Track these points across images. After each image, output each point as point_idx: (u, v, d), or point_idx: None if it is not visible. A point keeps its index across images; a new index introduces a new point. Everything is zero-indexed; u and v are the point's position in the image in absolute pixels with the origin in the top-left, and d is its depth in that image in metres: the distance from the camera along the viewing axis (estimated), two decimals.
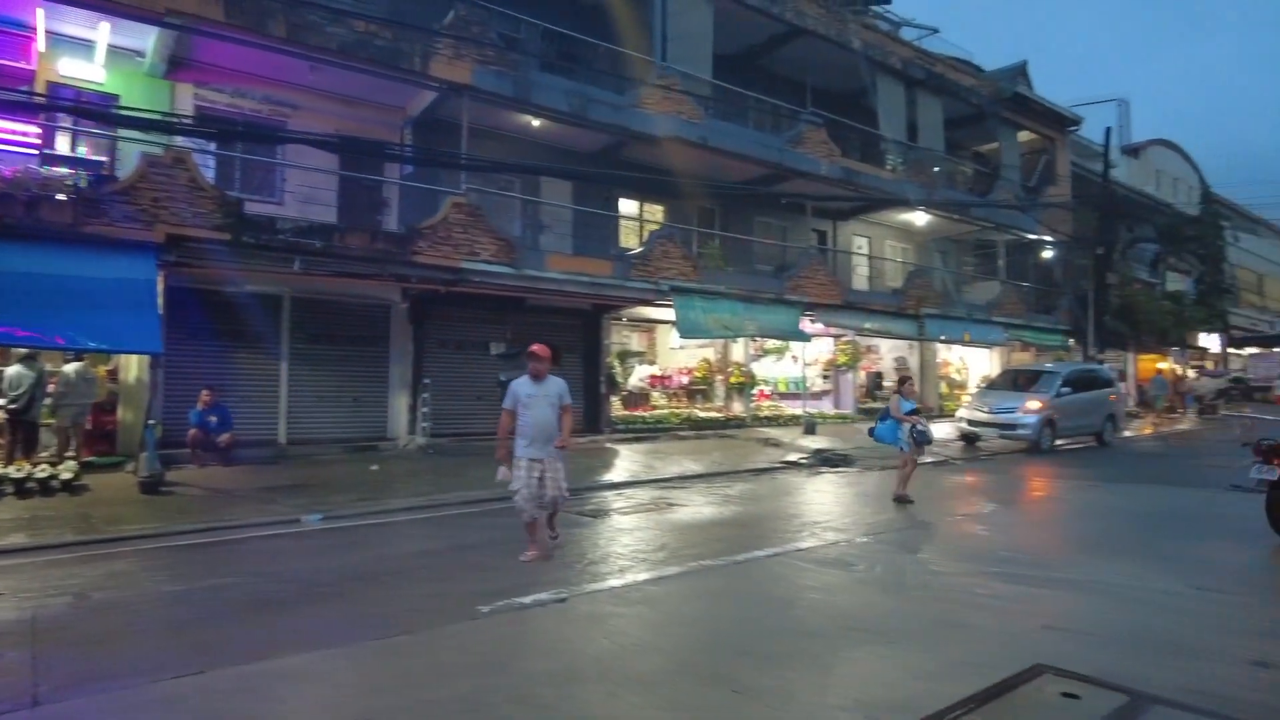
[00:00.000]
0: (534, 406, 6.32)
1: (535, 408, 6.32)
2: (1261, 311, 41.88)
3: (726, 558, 6.44)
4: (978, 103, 22.16)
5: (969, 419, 15.95)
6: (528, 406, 6.33)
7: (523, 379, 6.46)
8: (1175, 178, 36.82)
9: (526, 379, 6.44)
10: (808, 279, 18.00)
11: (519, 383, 6.46)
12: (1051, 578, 5.90)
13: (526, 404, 6.34)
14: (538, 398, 6.36)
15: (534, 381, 6.42)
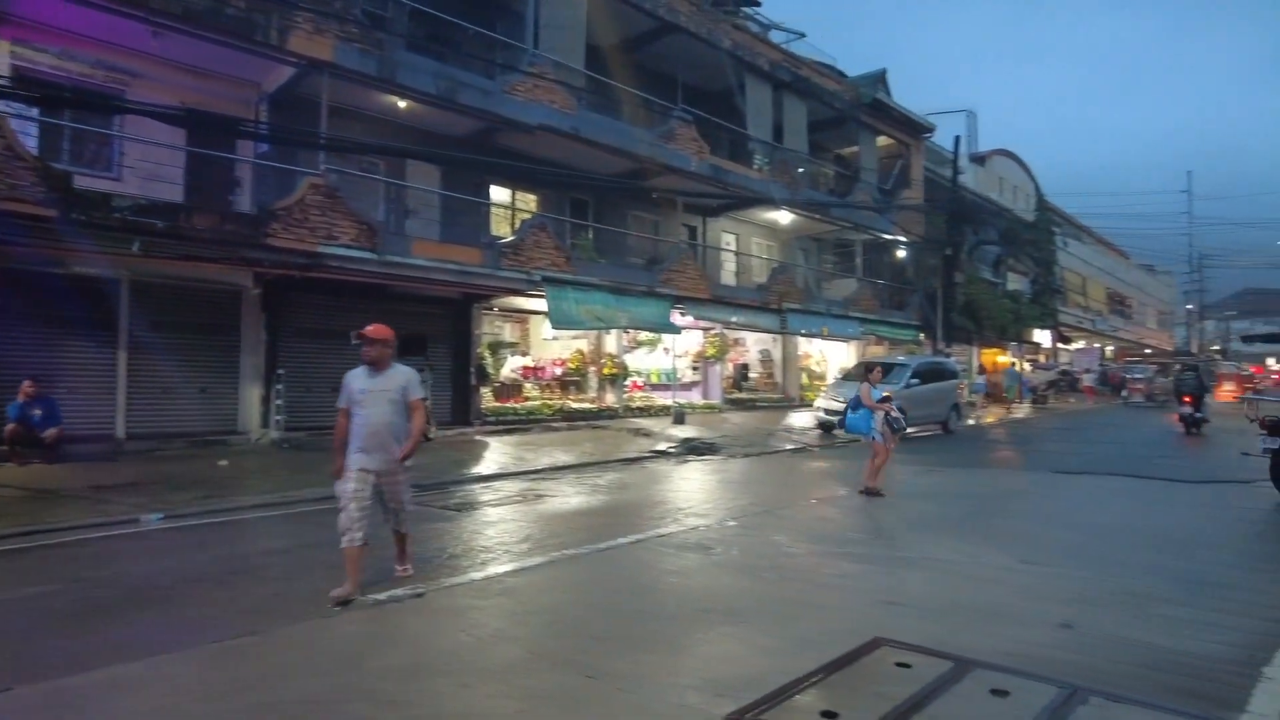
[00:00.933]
0: (369, 403, 5.15)
1: (371, 405, 5.15)
2: (1085, 311, 46.16)
3: (590, 546, 6.49)
4: (840, 107, 23.23)
5: (826, 408, 16.72)
6: (361, 404, 5.16)
7: (357, 370, 5.32)
8: (1015, 186, 39.90)
9: (362, 370, 5.29)
10: (678, 273, 18.35)
11: (352, 375, 5.31)
12: (893, 556, 6.30)
13: (360, 400, 5.17)
14: (373, 393, 5.18)
15: (370, 372, 5.26)
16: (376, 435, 5.13)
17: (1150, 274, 66.20)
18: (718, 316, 19.85)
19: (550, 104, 15.29)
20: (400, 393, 5.27)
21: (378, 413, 5.14)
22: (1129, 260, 60.19)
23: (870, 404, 9.34)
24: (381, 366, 5.28)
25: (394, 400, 5.23)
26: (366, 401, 5.17)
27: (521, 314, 18.56)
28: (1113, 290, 53.01)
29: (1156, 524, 7.76)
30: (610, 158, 17.19)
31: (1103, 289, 50.77)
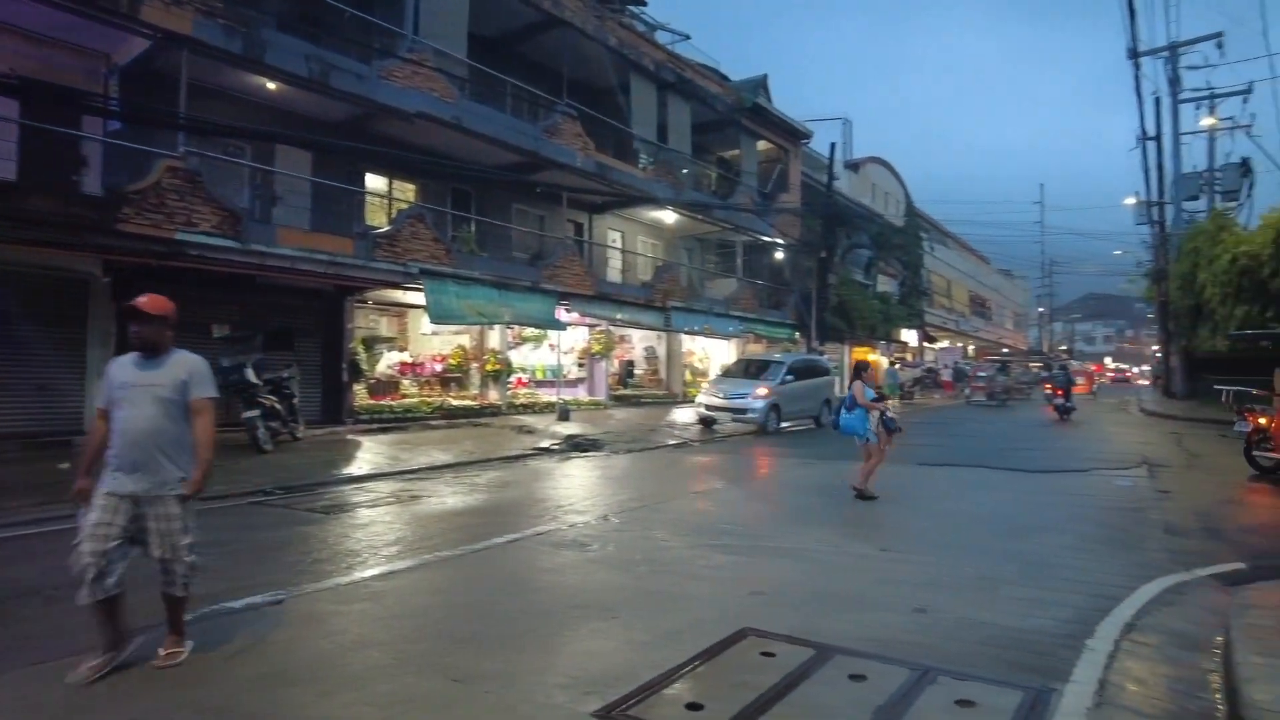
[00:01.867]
0: (130, 402, 3.74)
1: (132, 405, 3.74)
2: (949, 312, 49.11)
3: (464, 547, 6.35)
4: (722, 110, 23.73)
5: (707, 404, 17.07)
6: (120, 402, 3.76)
7: (124, 358, 3.93)
8: (887, 192, 41.93)
9: (130, 358, 3.89)
10: (563, 269, 18.27)
11: (117, 363, 3.93)
12: (763, 547, 6.48)
13: (119, 399, 3.77)
14: (138, 389, 3.77)
15: (140, 361, 3.85)
16: (137, 446, 3.70)
17: (1008, 278, 71.15)
18: (603, 313, 19.89)
19: (430, 92, 14.88)
20: (176, 389, 3.80)
21: (140, 415, 3.71)
22: (989, 265, 64.44)
23: (865, 404, 8.98)
24: (157, 352, 3.85)
25: (165, 399, 3.77)
26: (128, 400, 3.74)
27: (399, 308, 18.00)
28: (974, 293, 56.68)
29: (1005, 512, 8.31)
30: (493, 150, 16.90)
31: (965, 291, 54.19)
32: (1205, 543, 6.89)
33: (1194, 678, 3.90)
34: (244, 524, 7.31)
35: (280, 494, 8.75)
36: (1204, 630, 4.53)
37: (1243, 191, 28.84)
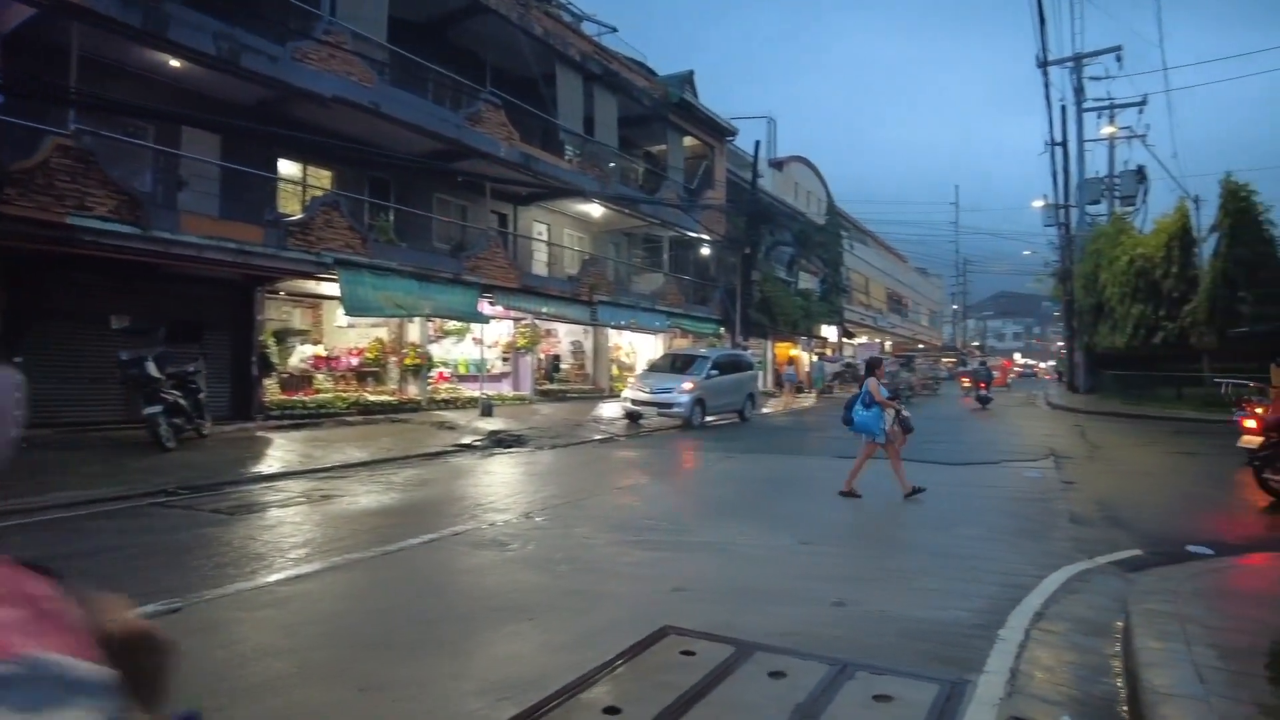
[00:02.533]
0: None
1: None
2: (868, 308, 50.43)
3: (377, 549, 6.11)
4: (649, 104, 23.69)
5: (632, 399, 17.04)
6: None
7: None
8: (809, 191, 42.70)
9: None
10: (486, 261, 17.92)
11: None
12: (686, 542, 6.45)
13: None
14: None
15: None
16: None
17: (924, 276, 73.54)
18: (528, 307, 19.62)
19: (347, 76, 14.35)
20: None
21: None
22: (906, 263, 66.46)
23: (881, 401, 8.68)
24: None
25: None
26: None
27: (314, 299, 17.35)
28: (892, 290, 58.36)
29: (922, 504, 8.49)
30: (414, 137, 16.43)
31: (883, 289, 55.74)
32: (1107, 531, 7.18)
33: (1098, 663, 4.02)
34: (142, 526, 6.88)
35: (183, 494, 8.28)
36: (1107, 616, 4.68)
37: (1139, 197, 30.56)
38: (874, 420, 8.65)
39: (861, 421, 8.75)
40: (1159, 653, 3.67)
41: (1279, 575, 5.32)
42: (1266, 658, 3.53)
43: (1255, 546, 6.40)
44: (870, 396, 8.68)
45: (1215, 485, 9.80)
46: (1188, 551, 6.30)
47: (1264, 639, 3.76)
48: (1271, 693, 3.20)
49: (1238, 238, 20.72)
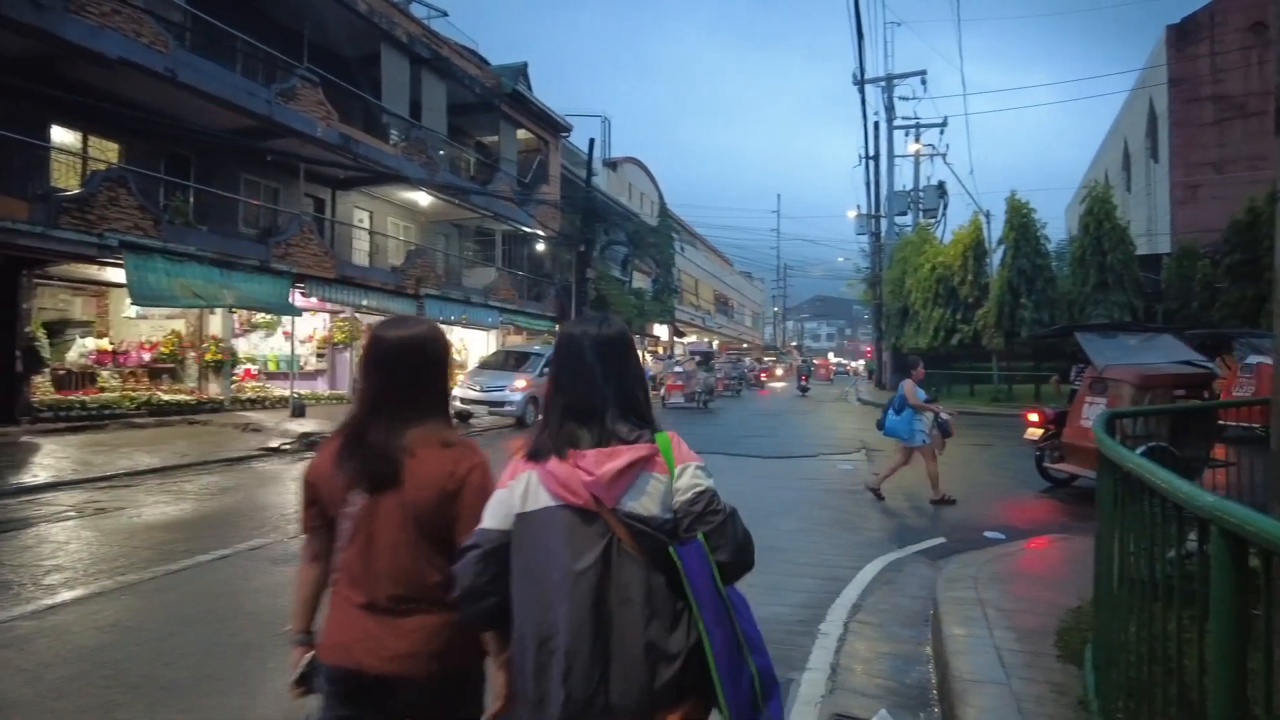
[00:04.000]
0: None
1: None
2: (697, 309, 51.99)
3: (158, 568, 5.38)
4: (481, 93, 22.99)
5: (462, 397, 16.44)
6: None
7: None
8: (643, 192, 43.36)
9: None
10: (299, 248, 16.63)
11: None
12: None
13: None
14: None
15: None
16: None
17: (748, 279, 76.89)
18: (347, 299, 18.46)
19: (136, 36, 12.78)
20: None
21: None
22: (732, 267, 69.18)
23: (917, 404, 8.24)
24: None
25: None
26: None
27: (98, 286, 15.45)
28: (719, 292, 60.55)
29: (740, 497, 8.61)
30: (219, 111, 14.93)
31: (711, 290, 57.71)
32: (914, 520, 7.62)
33: (911, 652, 4.16)
34: None
35: None
36: (918, 604, 4.89)
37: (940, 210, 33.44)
38: (904, 424, 8.32)
39: (891, 426, 8.43)
40: (964, 640, 3.83)
41: (1060, 557, 5.79)
42: (1055, 637, 3.78)
43: (1039, 530, 7.00)
44: (903, 400, 8.33)
45: (1005, 474, 10.73)
46: (985, 537, 6.79)
47: (1052, 619, 4.03)
48: (1061, 670, 3.42)
49: (1020, 250, 23.06)
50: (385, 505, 1.75)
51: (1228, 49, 33.35)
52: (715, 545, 1.59)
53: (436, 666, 1.71)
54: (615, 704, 1.48)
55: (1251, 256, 21.39)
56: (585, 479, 1.55)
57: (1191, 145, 33.69)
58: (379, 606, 1.73)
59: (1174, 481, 1.84)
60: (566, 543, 1.53)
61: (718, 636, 1.53)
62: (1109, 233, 22.70)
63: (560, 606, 1.50)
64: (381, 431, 1.79)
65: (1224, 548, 1.50)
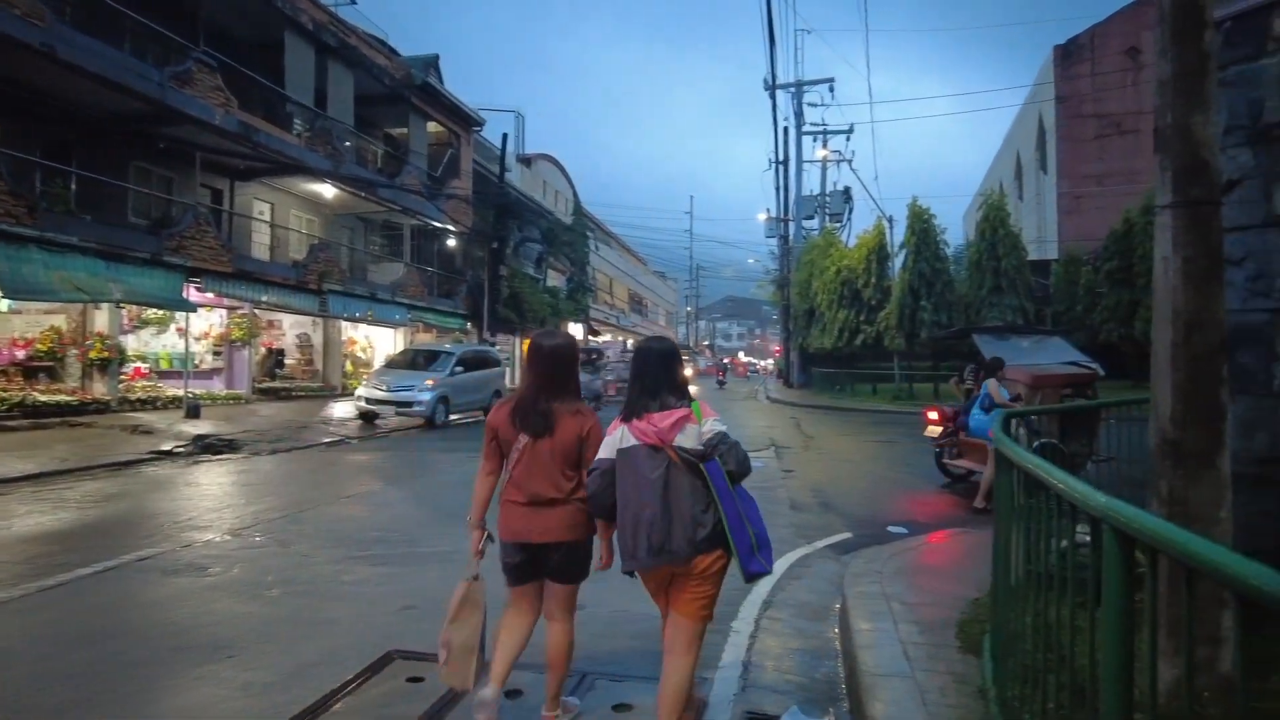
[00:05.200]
0: None
1: None
2: (612, 308, 52.09)
3: (30, 584, 5.00)
4: (390, 84, 22.38)
5: (368, 397, 15.97)
6: None
7: None
8: (557, 190, 43.10)
9: None
10: (194, 240, 15.80)
11: None
12: (419, 554, 6.01)
13: None
14: None
15: None
16: None
17: (662, 279, 77.51)
18: (245, 294, 17.66)
19: (6, 6, 11.87)
20: None
21: None
22: (646, 266, 69.58)
23: (1003, 403, 7.84)
24: None
25: None
26: None
27: None
28: (633, 291, 60.84)
29: None
30: (106, 93, 14.01)
31: (626, 289, 57.94)
32: (822, 516, 7.82)
33: (820, 647, 4.25)
34: None
35: None
36: (826, 599, 5.01)
37: (845, 215, 34.49)
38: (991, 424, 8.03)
39: (980, 427, 8.16)
40: (871, 634, 3.94)
41: (959, 550, 6.04)
42: (956, 628, 3.93)
43: (939, 524, 7.28)
44: (990, 399, 8.09)
45: (907, 470, 11.12)
46: (888, 532, 7.02)
47: (954, 611, 4.19)
48: (962, 660, 3.55)
49: (921, 254, 24.04)
50: (541, 445, 3.04)
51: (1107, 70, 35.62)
52: (726, 461, 2.82)
53: (568, 536, 3.06)
54: (674, 549, 2.74)
55: (1127, 264, 22.92)
56: (653, 429, 2.82)
57: (1076, 159, 35.82)
58: (537, 502, 3.05)
59: (1069, 481, 1.92)
60: (645, 463, 2.80)
61: (728, 511, 2.77)
62: (1003, 239, 23.92)
63: (644, 496, 2.77)
64: (543, 403, 3.07)
65: (1114, 544, 1.58)
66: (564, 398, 3.10)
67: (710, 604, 2.92)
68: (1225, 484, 2.46)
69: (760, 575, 2.92)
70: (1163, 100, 2.57)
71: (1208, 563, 1.26)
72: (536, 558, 3.13)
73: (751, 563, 2.82)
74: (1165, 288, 2.49)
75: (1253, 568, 1.14)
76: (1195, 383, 2.42)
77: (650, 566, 2.80)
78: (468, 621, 3.23)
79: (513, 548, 3.15)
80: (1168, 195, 2.50)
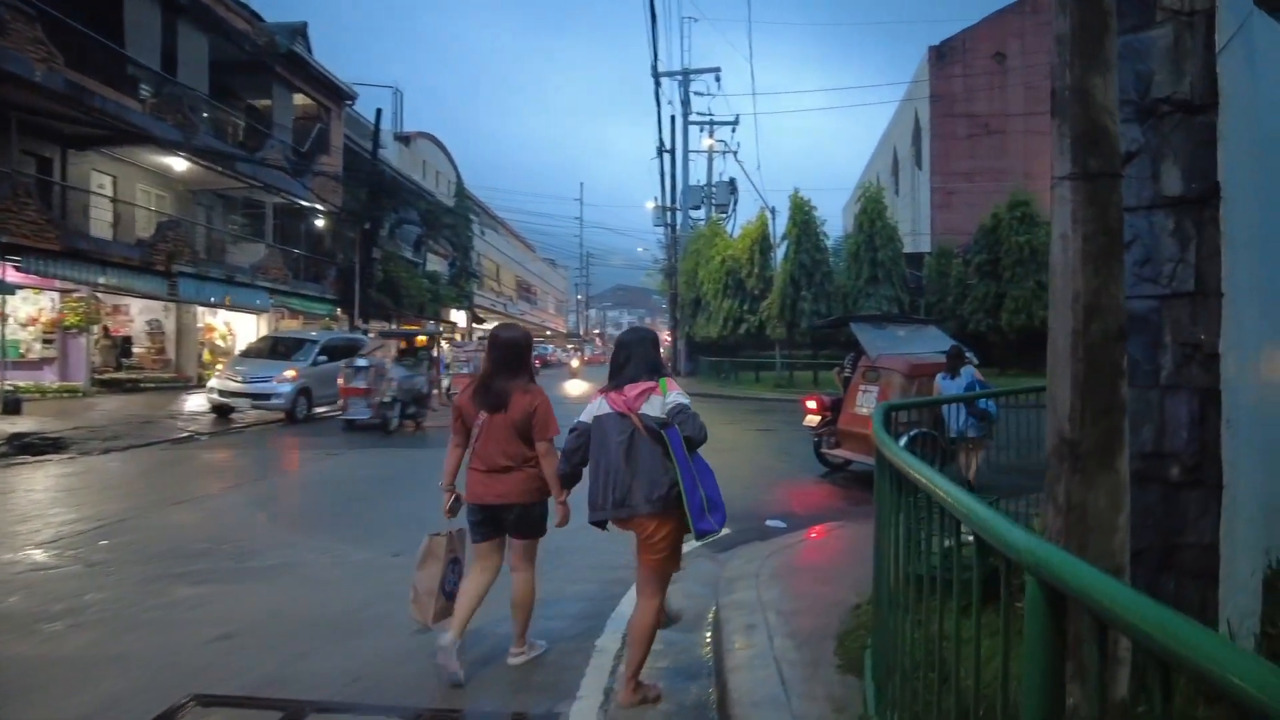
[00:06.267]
0: None
1: None
2: (499, 295, 50.88)
3: None
4: (252, 51, 20.68)
5: (221, 389, 14.67)
6: None
7: None
8: (439, 171, 41.51)
9: None
10: (12, 215, 13.98)
11: None
12: (247, 569, 5.30)
13: None
14: None
15: None
16: None
17: (551, 267, 76.55)
18: (79, 275, 15.89)
19: None
20: None
21: None
22: (535, 253, 68.44)
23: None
24: None
25: None
26: None
27: None
28: (521, 278, 59.69)
29: None
30: None
31: (513, 276, 56.74)
32: None
33: (691, 664, 3.90)
34: None
35: None
36: (701, 605, 4.65)
37: (730, 205, 34.77)
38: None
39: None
40: (744, 653, 3.62)
41: (838, 547, 5.84)
42: (836, 642, 3.65)
43: (818, 516, 7.11)
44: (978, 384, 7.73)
45: (786, 459, 11.03)
46: (768, 526, 6.79)
47: (833, 619, 3.92)
48: (842, 682, 3.26)
49: (802, 245, 24.41)
50: (497, 420, 3.56)
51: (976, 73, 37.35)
52: (685, 429, 3.20)
53: (521, 499, 3.56)
54: (633, 503, 3.17)
55: (994, 257, 24.03)
56: (623, 399, 3.28)
57: (948, 156, 37.43)
58: (494, 469, 3.56)
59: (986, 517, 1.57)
60: (614, 427, 3.25)
61: (684, 474, 3.13)
62: (880, 231, 24.60)
63: (613, 455, 3.21)
64: (497, 384, 3.60)
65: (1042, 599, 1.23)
66: (517, 379, 3.64)
67: (668, 558, 3.35)
68: (1124, 487, 2.21)
69: (710, 534, 3.30)
70: (1060, 59, 2.28)
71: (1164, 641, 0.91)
72: (495, 517, 3.63)
73: (701, 521, 3.18)
74: (1065, 269, 2.21)
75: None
76: (1093, 374, 2.15)
77: (612, 518, 3.27)
78: (429, 570, 3.74)
79: (474, 508, 3.64)
80: (1066, 165, 2.21)
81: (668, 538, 3.25)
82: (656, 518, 3.18)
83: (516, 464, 3.56)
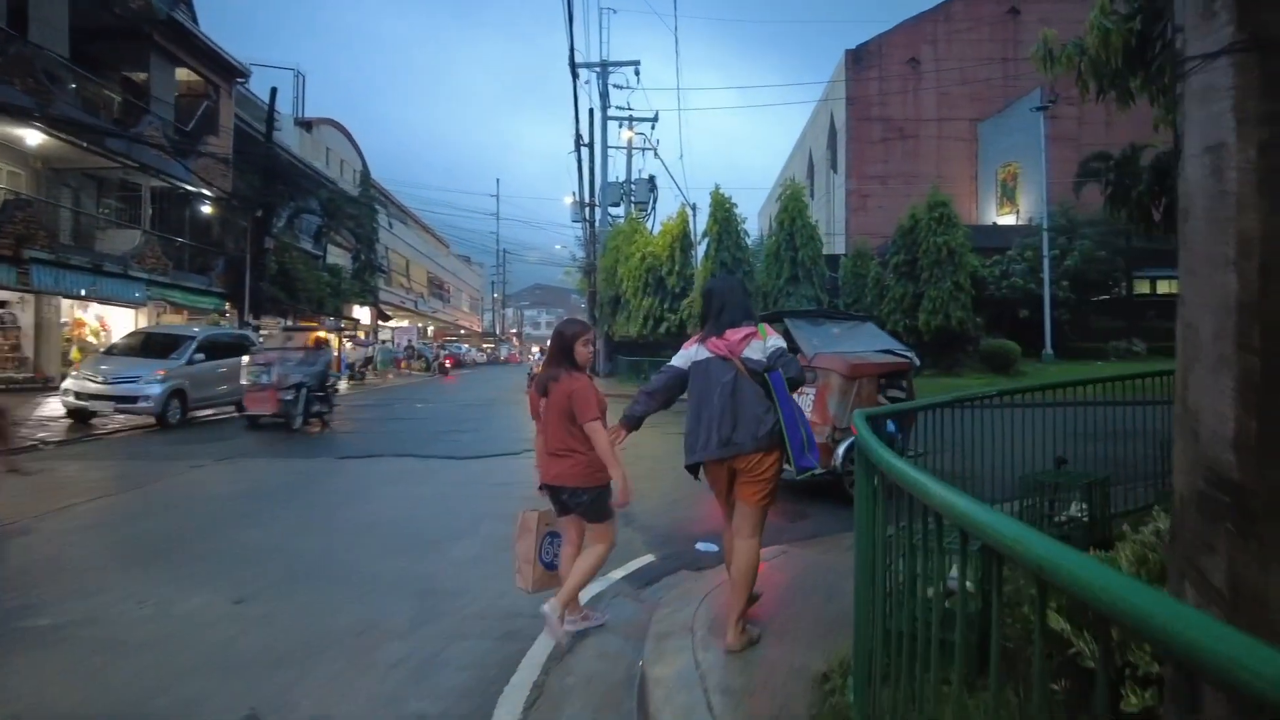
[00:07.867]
0: None
1: None
2: (408, 291, 48.75)
3: None
4: (124, 15, 18.66)
5: (78, 391, 12.92)
6: None
7: None
8: (343, 159, 39.38)
9: None
10: None
11: None
12: (23, 630, 4.04)
13: None
14: None
15: None
16: None
17: (466, 263, 74.31)
18: None
19: None
20: None
21: None
22: (448, 249, 66.23)
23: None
24: None
25: None
26: None
27: None
28: (433, 274, 57.45)
29: (414, 514, 7.01)
30: None
31: (425, 272, 54.51)
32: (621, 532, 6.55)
33: None
34: None
35: None
36: (622, 668, 3.71)
37: (650, 203, 34.01)
38: None
39: None
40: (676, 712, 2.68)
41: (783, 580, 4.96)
42: None
43: None
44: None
45: None
46: (697, 550, 5.93)
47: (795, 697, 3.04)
48: None
49: (723, 243, 23.83)
50: (550, 404, 3.95)
51: (891, 77, 37.70)
52: (786, 371, 3.52)
53: (573, 483, 3.90)
54: (739, 441, 3.46)
55: (912, 258, 23.98)
56: (724, 344, 3.62)
57: (863, 159, 37.66)
58: (553, 452, 3.93)
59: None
60: (717, 371, 3.59)
61: (786, 414, 3.46)
62: (800, 230, 24.23)
63: (715, 397, 3.54)
64: (548, 371, 4.03)
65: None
66: (560, 367, 3.97)
67: (769, 495, 3.53)
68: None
69: (810, 470, 3.52)
70: None
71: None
72: (557, 497, 3.98)
73: (802, 458, 3.43)
74: (1216, 204, 1.35)
75: None
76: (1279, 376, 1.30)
77: (718, 457, 3.48)
78: (525, 542, 4.13)
79: (545, 487, 4.01)
80: (1221, 29, 1.35)
81: (772, 467, 3.48)
82: (760, 451, 3.44)
83: (568, 450, 3.87)
